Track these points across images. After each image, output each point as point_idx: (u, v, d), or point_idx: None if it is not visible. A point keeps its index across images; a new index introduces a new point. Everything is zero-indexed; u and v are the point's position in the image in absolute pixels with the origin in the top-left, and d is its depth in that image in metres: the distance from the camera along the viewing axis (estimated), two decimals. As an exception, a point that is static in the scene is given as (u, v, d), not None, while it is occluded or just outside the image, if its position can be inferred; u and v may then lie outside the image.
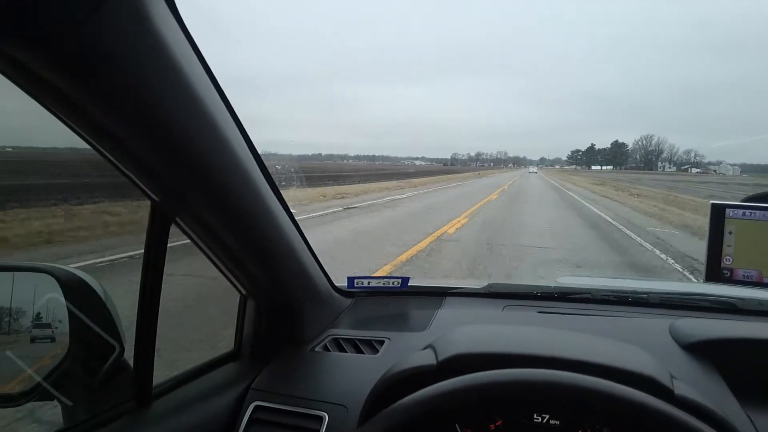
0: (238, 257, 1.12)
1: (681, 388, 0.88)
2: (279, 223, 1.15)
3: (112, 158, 0.80)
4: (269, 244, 1.15)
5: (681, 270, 6.78)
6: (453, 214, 12.54)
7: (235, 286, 1.23)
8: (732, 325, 1.29)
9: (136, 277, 0.93)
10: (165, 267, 0.95)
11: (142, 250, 0.94)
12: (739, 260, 0.96)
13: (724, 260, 0.96)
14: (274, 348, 1.29)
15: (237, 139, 0.95)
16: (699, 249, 7.82)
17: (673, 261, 7.44)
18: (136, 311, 0.94)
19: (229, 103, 0.92)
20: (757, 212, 0.95)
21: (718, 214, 0.96)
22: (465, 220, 11.61)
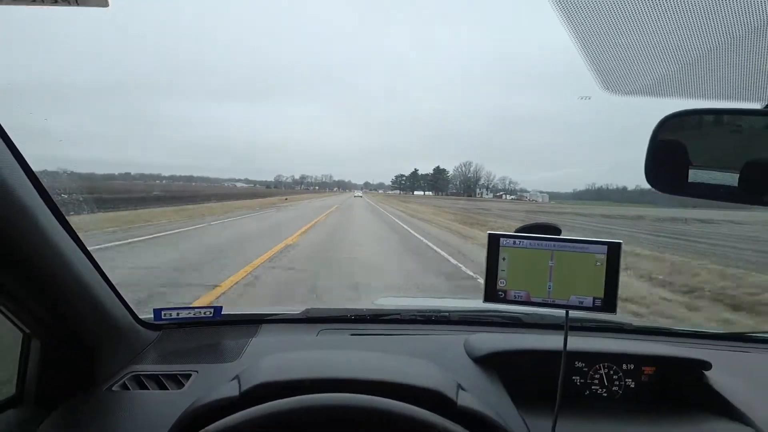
0: (15, 294, 0.96)
1: (465, 399, 0.96)
2: (64, 254, 1.02)
3: None
4: (53, 280, 1.01)
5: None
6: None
7: (16, 324, 1.05)
8: (514, 338, 1.47)
9: None
10: None
11: None
12: (511, 282, 1.08)
13: (499, 283, 1.08)
14: (65, 390, 1.12)
15: (10, 167, 0.85)
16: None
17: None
18: None
19: None
20: (524, 241, 1.08)
21: (493, 242, 1.08)
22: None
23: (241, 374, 1.00)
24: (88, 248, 1.12)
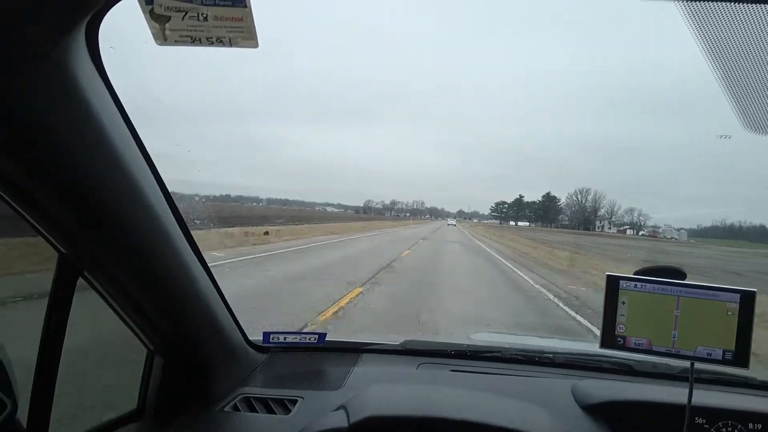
0: (147, 312, 1.07)
1: None
2: (192, 276, 1.12)
3: (18, 208, 0.77)
4: (181, 300, 1.11)
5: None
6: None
7: (143, 342, 1.16)
8: (627, 387, 1.39)
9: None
10: (68, 322, 0.90)
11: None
12: (631, 329, 1.04)
13: (618, 328, 1.04)
14: (181, 407, 1.22)
15: (150, 186, 0.94)
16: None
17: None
18: (35, 366, 0.89)
19: (143, 145, 0.91)
20: (647, 285, 1.04)
21: (612, 285, 1.05)
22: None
23: (348, 404, 1.04)
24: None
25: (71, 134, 0.73)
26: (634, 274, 1.08)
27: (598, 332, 1.09)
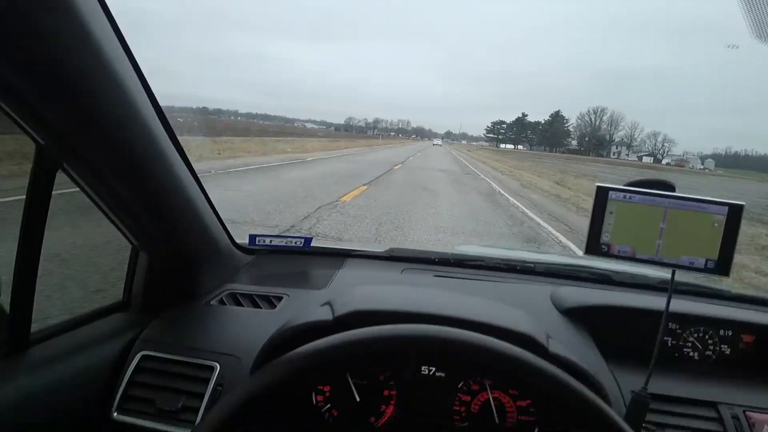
0: (131, 207, 1.07)
1: (555, 347, 0.97)
2: (176, 175, 1.11)
3: None
4: (165, 196, 1.11)
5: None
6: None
7: (127, 237, 1.17)
8: (605, 294, 1.43)
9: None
10: (48, 213, 0.91)
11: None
12: (616, 237, 1.04)
13: (603, 236, 1.05)
14: (167, 301, 1.26)
15: (132, 81, 0.91)
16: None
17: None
18: (15, 255, 0.89)
19: (126, 43, 0.87)
20: (636, 196, 1.03)
21: (601, 195, 1.04)
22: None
23: (333, 301, 1.06)
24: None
25: (52, 22, 0.70)
26: (624, 185, 1.06)
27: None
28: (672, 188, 1.04)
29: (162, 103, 1.01)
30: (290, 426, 1.04)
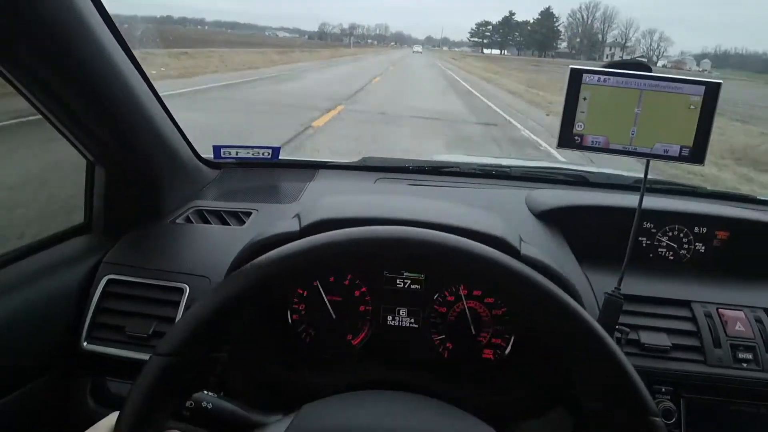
0: (81, 117, 0.99)
1: (527, 249, 0.96)
2: (130, 84, 1.02)
3: None
4: (119, 105, 1.03)
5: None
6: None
7: (80, 151, 1.09)
8: (581, 195, 1.42)
9: None
10: None
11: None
12: (589, 127, 0.99)
13: (576, 126, 1.00)
14: (129, 221, 1.21)
15: None
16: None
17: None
18: None
19: None
20: (611, 78, 0.97)
21: (575, 79, 0.97)
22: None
23: (302, 213, 1.02)
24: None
25: None
26: (601, 67, 1.00)
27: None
28: (648, 69, 0.98)
29: (120, 12, 0.91)
30: (267, 351, 1.04)
